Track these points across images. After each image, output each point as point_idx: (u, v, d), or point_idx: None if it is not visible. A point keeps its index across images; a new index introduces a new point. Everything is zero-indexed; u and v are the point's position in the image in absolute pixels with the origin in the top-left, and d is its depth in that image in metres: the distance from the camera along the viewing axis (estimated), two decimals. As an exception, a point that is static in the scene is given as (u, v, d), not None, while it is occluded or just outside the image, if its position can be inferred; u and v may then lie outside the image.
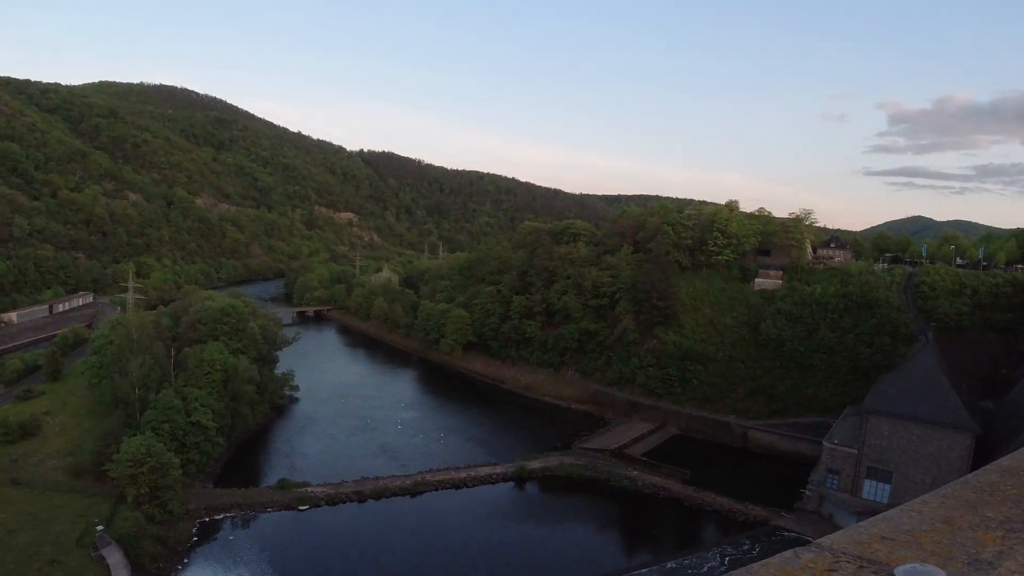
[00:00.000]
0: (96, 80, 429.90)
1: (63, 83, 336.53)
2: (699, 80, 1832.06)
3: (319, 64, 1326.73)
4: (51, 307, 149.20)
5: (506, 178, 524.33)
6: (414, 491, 77.50)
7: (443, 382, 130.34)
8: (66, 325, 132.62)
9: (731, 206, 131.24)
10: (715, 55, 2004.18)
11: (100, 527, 61.70)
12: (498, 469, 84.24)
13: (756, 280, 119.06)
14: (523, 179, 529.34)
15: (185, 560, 62.83)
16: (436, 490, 78.71)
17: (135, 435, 69.16)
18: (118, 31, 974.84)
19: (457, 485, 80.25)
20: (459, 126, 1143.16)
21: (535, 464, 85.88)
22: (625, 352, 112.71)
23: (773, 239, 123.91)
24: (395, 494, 76.73)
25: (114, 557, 57.77)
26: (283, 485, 76.09)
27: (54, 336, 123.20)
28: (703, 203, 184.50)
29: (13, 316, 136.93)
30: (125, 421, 76.82)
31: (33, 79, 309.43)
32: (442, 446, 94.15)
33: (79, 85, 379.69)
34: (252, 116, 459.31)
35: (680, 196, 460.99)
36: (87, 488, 69.60)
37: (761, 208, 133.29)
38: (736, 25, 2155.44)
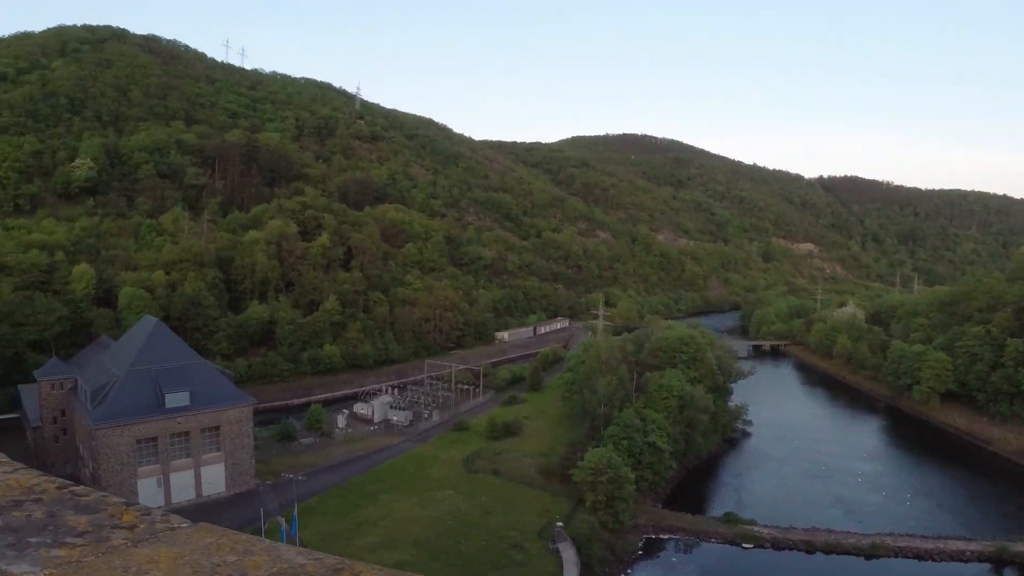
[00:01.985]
0: (569, 136, 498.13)
1: (543, 141, 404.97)
2: None
3: (768, 93, 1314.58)
4: (535, 329, 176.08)
5: (996, 196, 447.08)
6: (870, 553, 69.91)
7: (913, 435, 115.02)
8: (546, 345, 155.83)
9: None
10: None
11: (560, 524, 69.36)
12: (973, 546, 70.78)
13: None
14: (1018, 196, 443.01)
15: (628, 571, 66.84)
16: (895, 556, 69.62)
17: (598, 447, 76.04)
18: (583, 95, 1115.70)
19: (921, 556, 69.79)
20: (932, 141, 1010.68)
21: (1022, 547, 70.11)
22: None
23: None
24: (848, 552, 70.29)
25: (568, 553, 64.41)
26: (729, 518, 75.84)
27: (536, 353, 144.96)
28: None
29: (505, 335, 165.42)
30: (590, 433, 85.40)
31: (519, 140, 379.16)
32: (907, 509, 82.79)
33: (555, 142, 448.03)
34: (707, 153, 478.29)
35: None
36: (552, 487, 78.95)
37: None
38: None
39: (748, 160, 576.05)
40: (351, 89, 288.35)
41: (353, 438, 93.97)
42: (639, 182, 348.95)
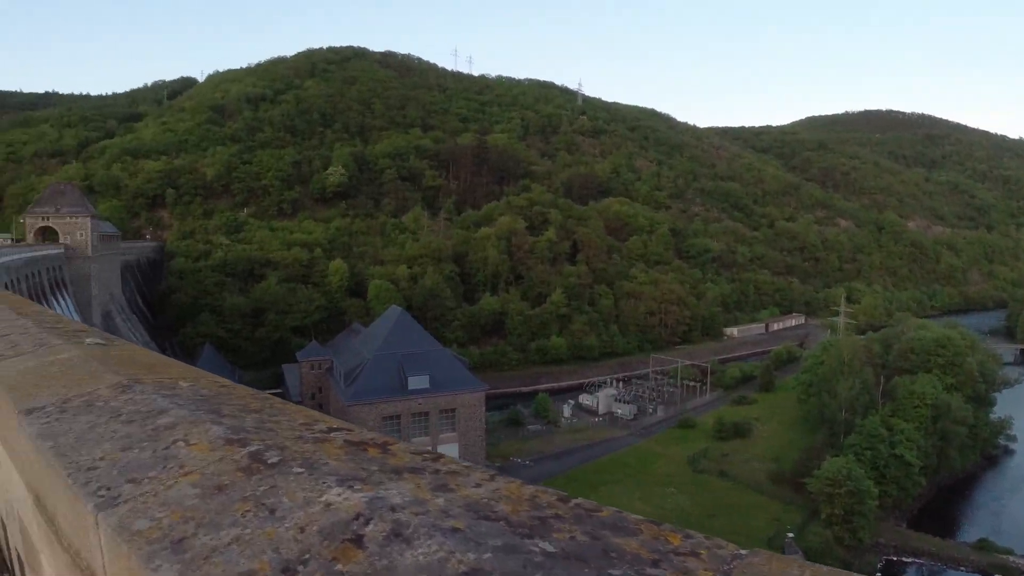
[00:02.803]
0: (802, 117, 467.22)
1: (773, 124, 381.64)
2: None
3: None
4: (767, 325, 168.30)
5: None
6: None
7: None
8: (779, 343, 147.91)
9: None
10: None
11: (790, 535, 65.86)
12: None
13: None
14: None
15: (868, 590, 62.14)
16: None
17: (836, 455, 71.27)
18: (816, 70, 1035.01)
19: None
20: None
21: None
22: None
23: None
24: None
25: (802, 564, 61.27)
26: (983, 546, 67.32)
27: (768, 352, 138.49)
28: None
29: (734, 331, 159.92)
30: (828, 440, 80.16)
31: (747, 125, 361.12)
32: None
33: (787, 124, 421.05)
34: (964, 128, 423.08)
35: None
36: (783, 495, 75.16)
37: None
38: None
39: (1014, 134, 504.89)
40: (573, 86, 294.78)
41: (578, 428, 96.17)
42: (884, 163, 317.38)
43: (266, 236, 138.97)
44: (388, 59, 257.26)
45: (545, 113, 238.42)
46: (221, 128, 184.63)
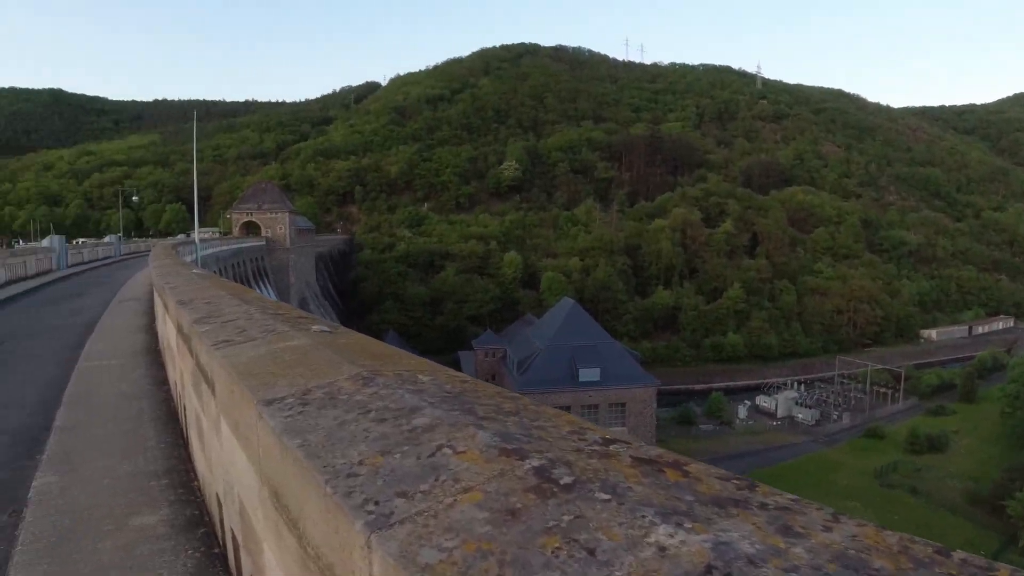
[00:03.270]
0: (1011, 93, 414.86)
1: (977, 103, 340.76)
2: None
3: None
4: (970, 328, 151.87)
5: None
6: None
7: None
8: (983, 348, 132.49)
9: None
10: None
11: (991, 559, 59.46)
12: None
13: None
14: None
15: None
16: None
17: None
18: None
19: None
20: None
21: None
22: None
23: None
24: None
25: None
26: None
27: (971, 358, 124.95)
28: None
29: (932, 333, 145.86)
30: (1039, 457, 71.85)
31: (947, 104, 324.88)
32: None
33: (993, 102, 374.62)
34: None
35: None
36: (979, 517, 67.72)
37: None
38: None
39: None
40: (751, 69, 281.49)
41: (753, 431, 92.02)
42: None
43: (445, 229, 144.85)
44: (559, 53, 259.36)
45: (721, 99, 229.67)
46: (403, 128, 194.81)
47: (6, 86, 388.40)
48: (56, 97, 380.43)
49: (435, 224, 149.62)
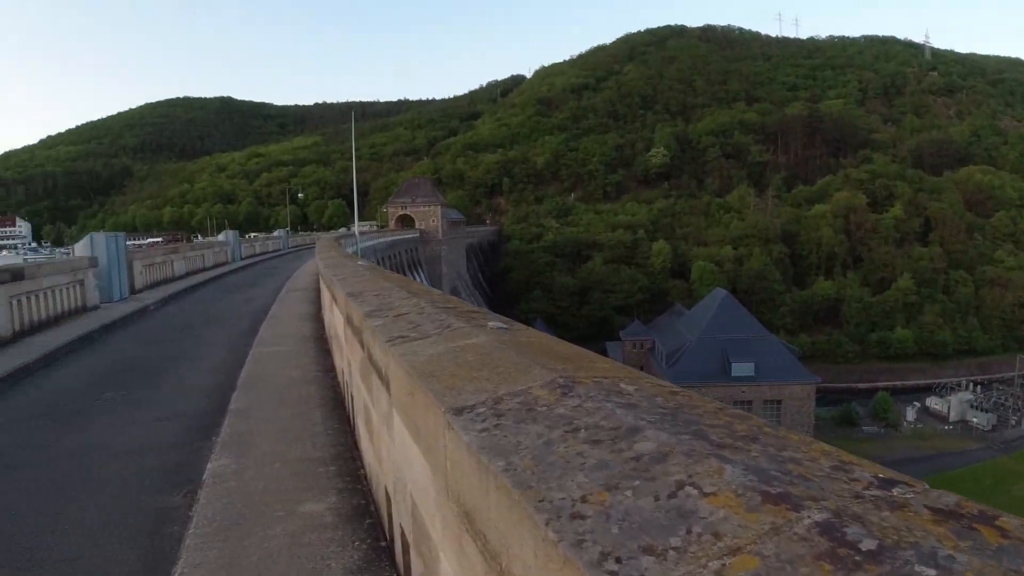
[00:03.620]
0: None
1: None
2: None
3: None
4: None
5: None
6: None
7: None
8: None
9: None
10: None
11: None
12: None
13: None
14: None
15: None
16: None
17: None
18: None
19: None
20: None
21: None
22: None
23: None
24: None
25: None
26: None
27: None
28: None
29: None
30: None
31: None
32: None
33: None
34: None
35: None
36: None
37: None
38: None
39: None
40: (918, 39, 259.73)
41: (922, 435, 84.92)
42: None
43: (592, 219, 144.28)
44: (707, 33, 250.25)
45: (886, 72, 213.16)
46: (548, 119, 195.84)
47: (182, 96, 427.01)
48: (226, 104, 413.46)
49: (582, 214, 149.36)
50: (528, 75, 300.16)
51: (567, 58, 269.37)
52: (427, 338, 3.28)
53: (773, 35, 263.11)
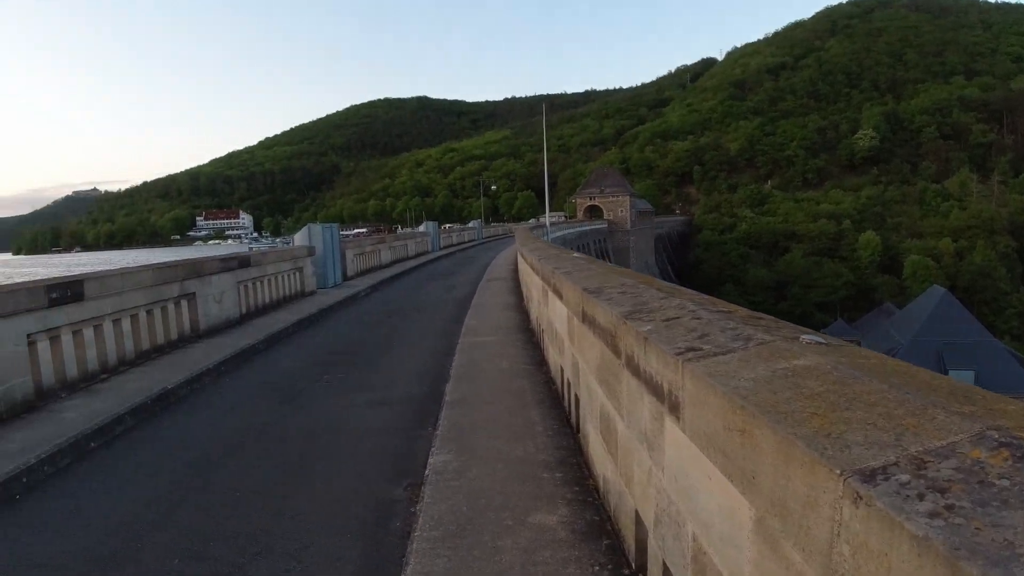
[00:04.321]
0: None
1: None
2: None
3: None
4: None
5: None
6: None
7: None
8: None
9: None
10: None
11: None
12: None
13: None
14: None
15: None
16: None
17: None
18: None
19: None
20: None
21: None
22: None
23: None
24: None
25: None
26: None
27: None
28: None
29: None
30: None
31: None
32: None
33: None
34: None
35: None
36: None
37: None
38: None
39: None
40: None
41: None
42: None
43: (790, 208, 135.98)
44: (918, 2, 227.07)
45: None
46: (742, 103, 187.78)
47: (383, 97, 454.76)
48: (423, 103, 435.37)
49: (779, 202, 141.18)
50: (719, 58, 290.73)
51: (761, 37, 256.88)
52: (730, 353, 2.55)
53: (993, 0, 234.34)
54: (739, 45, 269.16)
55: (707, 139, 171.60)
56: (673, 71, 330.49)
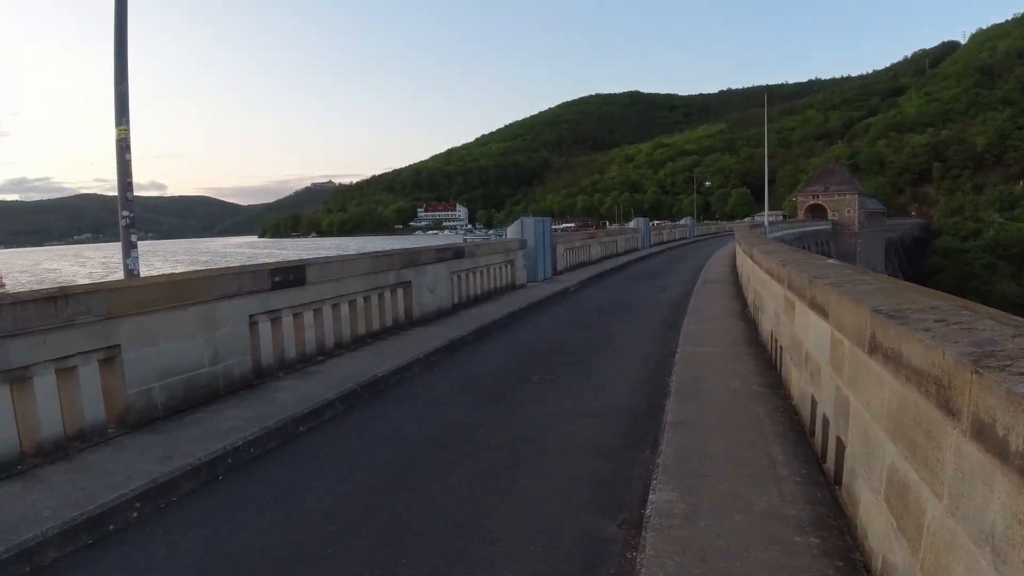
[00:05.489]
0: None
1: None
2: None
3: None
4: None
5: None
6: None
7: None
8: None
9: None
10: None
11: None
12: None
13: None
14: None
15: None
16: None
17: None
18: None
19: None
20: None
21: None
22: None
23: None
24: None
25: None
26: None
27: None
28: None
29: None
30: None
31: None
32: None
33: None
34: None
35: None
36: None
37: None
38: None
39: None
40: None
41: None
42: None
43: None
44: None
45: None
46: (990, 91, 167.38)
47: (594, 93, 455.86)
48: (634, 98, 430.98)
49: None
50: (963, 41, 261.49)
51: (1011, 16, 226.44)
52: None
53: None
54: (985, 27, 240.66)
55: (949, 132, 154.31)
56: (909, 56, 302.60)
